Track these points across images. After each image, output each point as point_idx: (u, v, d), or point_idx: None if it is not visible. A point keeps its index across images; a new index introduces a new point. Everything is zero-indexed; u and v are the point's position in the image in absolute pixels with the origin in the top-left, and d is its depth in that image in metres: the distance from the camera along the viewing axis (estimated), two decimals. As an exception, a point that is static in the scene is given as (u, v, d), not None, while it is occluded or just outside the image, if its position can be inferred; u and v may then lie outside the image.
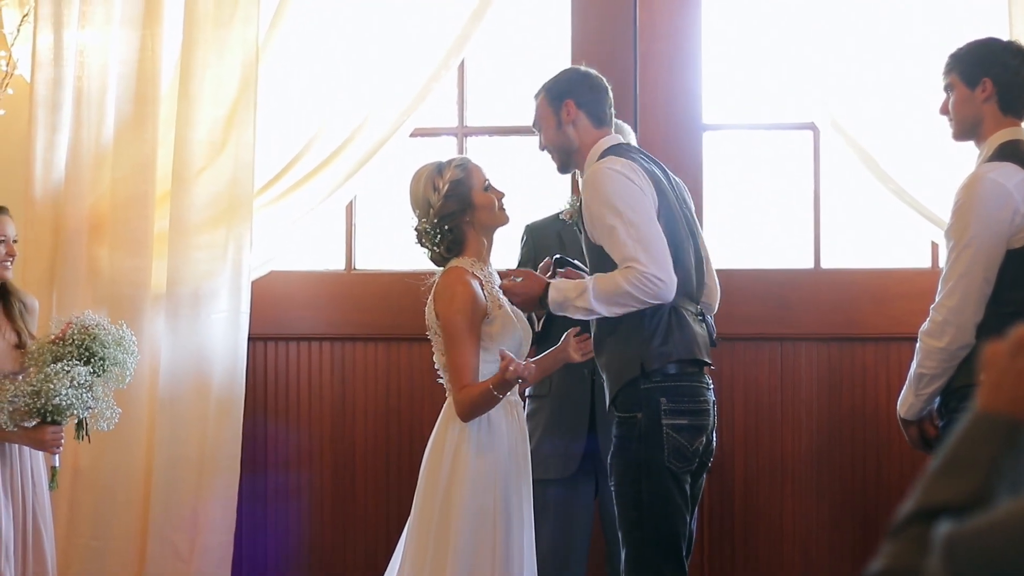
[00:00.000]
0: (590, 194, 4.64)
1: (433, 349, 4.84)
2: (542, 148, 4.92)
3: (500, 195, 4.82)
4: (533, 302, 4.69)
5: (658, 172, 4.77)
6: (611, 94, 4.91)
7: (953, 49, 4.88)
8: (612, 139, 4.81)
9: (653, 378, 4.57)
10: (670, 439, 4.55)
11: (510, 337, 4.74)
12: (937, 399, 4.78)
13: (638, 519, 4.61)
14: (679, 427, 4.57)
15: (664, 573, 4.63)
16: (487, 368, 4.68)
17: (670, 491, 4.59)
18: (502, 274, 4.82)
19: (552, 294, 4.61)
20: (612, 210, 4.53)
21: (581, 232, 4.79)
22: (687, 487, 4.63)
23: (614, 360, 4.67)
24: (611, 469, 4.69)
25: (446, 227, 4.75)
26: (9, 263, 5.45)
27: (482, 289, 4.73)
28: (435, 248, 4.79)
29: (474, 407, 4.63)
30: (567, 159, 4.84)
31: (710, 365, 4.74)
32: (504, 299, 4.78)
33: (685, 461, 4.59)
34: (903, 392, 4.86)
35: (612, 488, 4.70)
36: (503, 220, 4.86)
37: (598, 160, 4.68)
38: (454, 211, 4.75)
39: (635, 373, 4.58)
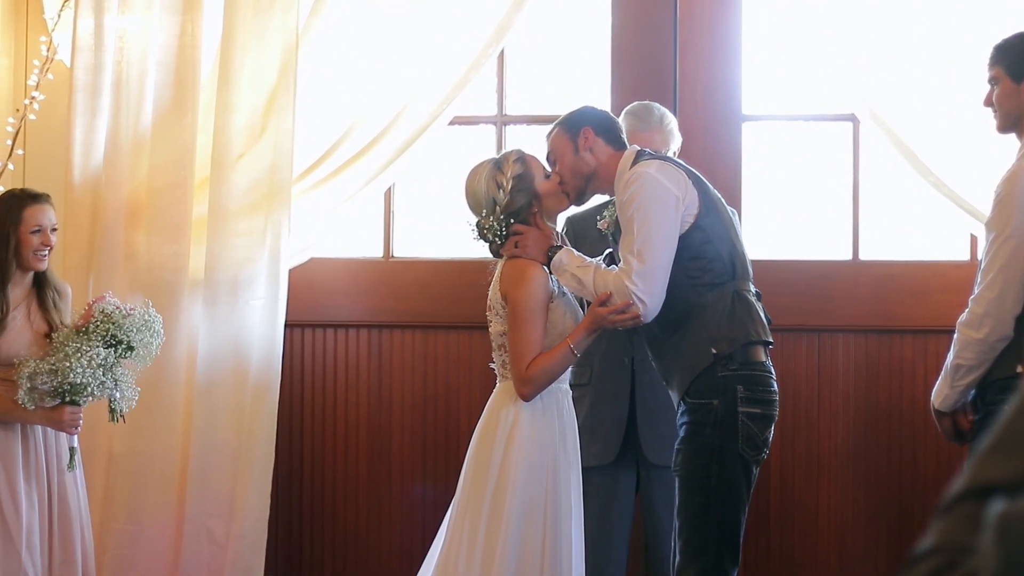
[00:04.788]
0: (622, 197, 4.69)
1: (491, 331, 4.85)
2: (556, 181, 4.93)
3: (559, 178, 4.84)
4: (538, 253, 4.75)
5: (689, 168, 4.82)
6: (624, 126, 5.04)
7: (996, 40, 4.86)
8: (634, 148, 4.86)
9: (729, 365, 4.62)
10: (744, 427, 4.60)
11: (570, 325, 4.77)
12: (972, 392, 4.76)
13: (704, 504, 4.64)
14: (753, 416, 4.62)
15: (723, 560, 4.66)
16: None
17: (738, 479, 4.64)
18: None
19: (562, 254, 4.72)
20: (634, 213, 4.59)
21: (616, 243, 4.83)
22: (752, 477, 4.66)
23: (683, 354, 4.69)
24: (677, 455, 4.71)
25: (514, 221, 4.78)
26: (45, 253, 5.41)
27: (549, 273, 4.78)
28: (499, 241, 4.80)
29: (546, 374, 4.67)
30: (584, 185, 4.86)
31: (771, 344, 4.78)
32: (566, 287, 4.81)
33: (756, 450, 4.64)
34: (938, 383, 4.84)
35: (676, 473, 4.72)
36: (567, 203, 4.92)
37: (631, 167, 4.70)
38: (522, 205, 4.80)
39: (708, 361, 4.62)
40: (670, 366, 4.77)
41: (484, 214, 4.81)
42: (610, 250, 4.93)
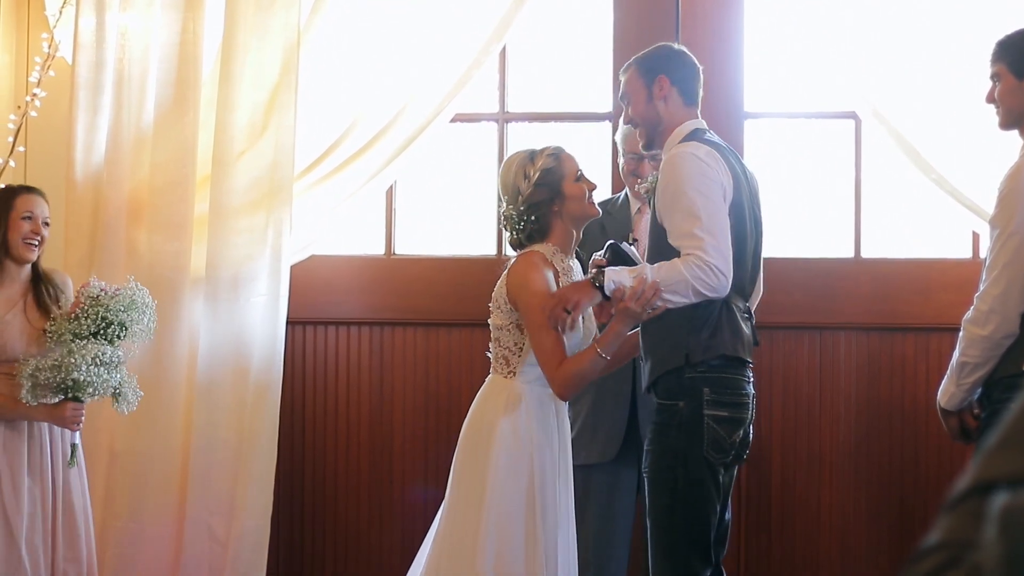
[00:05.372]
0: (668, 175, 4.58)
1: (491, 322, 4.79)
2: (627, 122, 4.91)
3: (592, 186, 4.76)
4: (586, 295, 4.55)
5: (736, 165, 4.71)
6: (702, 74, 4.89)
7: (998, 37, 4.85)
8: (697, 123, 4.77)
9: (698, 368, 4.55)
10: (710, 430, 4.55)
11: (575, 333, 4.71)
12: (978, 390, 4.75)
13: (670, 506, 4.60)
14: (719, 419, 4.56)
15: (691, 561, 4.62)
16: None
17: (705, 481, 4.58)
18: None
19: (610, 274, 4.47)
20: (686, 194, 4.48)
21: (650, 209, 4.78)
22: (720, 478, 4.63)
23: (659, 346, 4.64)
24: (647, 456, 4.68)
25: (532, 216, 4.71)
26: (35, 243, 5.42)
27: (555, 279, 4.68)
28: (516, 234, 4.76)
29: (579, 378, 4.61)
30: (653, 134, 4.78)
31: (750, 363, 4.71)
32: None
33: (722, 453, 4.58)
34: (944, 382, 4.83)
35: (645, 473, 4.69)
36: (593, 212, 4.79)
37: (680, 143, 4.65)
38: (542, 200, 4.70)
39: (679, 362, 4.57)
40: (646, 353, 4.71)
41: (507, 202, 4.78)
42: (611, 242, 4.85)
